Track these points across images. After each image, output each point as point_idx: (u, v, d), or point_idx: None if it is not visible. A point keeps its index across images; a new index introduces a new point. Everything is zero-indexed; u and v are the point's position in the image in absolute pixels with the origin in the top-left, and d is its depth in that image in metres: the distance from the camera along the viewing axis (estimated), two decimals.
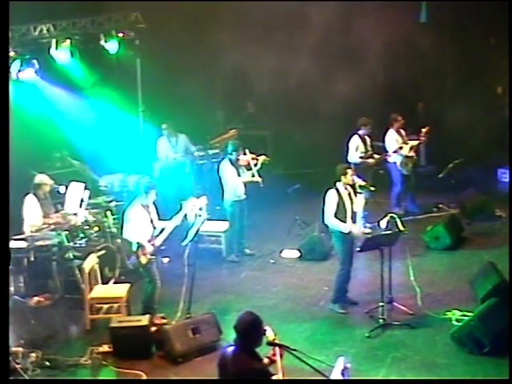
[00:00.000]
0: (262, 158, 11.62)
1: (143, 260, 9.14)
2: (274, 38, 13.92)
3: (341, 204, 9.39)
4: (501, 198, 13.23)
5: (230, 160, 11.39)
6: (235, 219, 11.51)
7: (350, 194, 9.51)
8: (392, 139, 12.90)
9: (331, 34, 13.41)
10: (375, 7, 14.03)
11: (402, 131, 13.07)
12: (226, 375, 5.89)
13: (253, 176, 11.48)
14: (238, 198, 11.43)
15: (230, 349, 5.90)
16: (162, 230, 9.26)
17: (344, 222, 9.36)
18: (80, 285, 9.81)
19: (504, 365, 7.87)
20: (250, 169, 11.54)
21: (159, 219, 9.49)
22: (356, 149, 12.45)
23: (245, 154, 11.50)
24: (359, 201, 9.61)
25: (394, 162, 12.97)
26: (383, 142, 13.03)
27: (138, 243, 9.14)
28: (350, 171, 9.49)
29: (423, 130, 13.02)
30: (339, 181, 9.45)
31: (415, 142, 13.04)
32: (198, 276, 9.37)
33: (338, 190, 9.41)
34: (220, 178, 11.57)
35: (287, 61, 14.01)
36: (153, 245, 9.19)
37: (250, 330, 5.88)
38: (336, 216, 9.37)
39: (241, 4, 13.58)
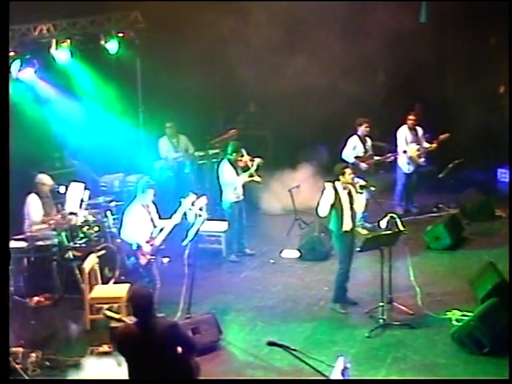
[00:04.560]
0: (257, 161, 11.63)
1: (142, 261, 9.15)
2: (274, 38, 13.90)
3: (338, 203, 9.41)
4: (501, 198, 13.24)
5: (229, 160, 11.39)
6: (234, 220, 11.52)
7: (350, 192, 9.51)
8: (401, 136, 12.90)
9: (331, 34, 13.40)
10: (375, 7, 14.01)
11: (419, 129, 13.02)
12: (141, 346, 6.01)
13: (251, 176, 11.51)
14: (236, 199, 11.44)
15: (138, 325, 6.06)
16: (162, 229, 9.27)
17: (341, 221, 9.40)
18: (80, 285, 9.82)
19: (504, 365, 7.87)
20: (246, 170, 11.56)
21: (159, 219, 9.50)
22: (353, 148, 12.43)
23: (242, 155, 11.53)
24: (361, 201, 9.62)
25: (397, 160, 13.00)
26: (395, 137, 13.01)
27: (136, 244, 9.15)
28: (347, 170, 9.48)
29: (441, 136, 12.96)
30: (337, 179, 9.47)
31: (426, 146, 13.00)
32: (198, 276, 9.37)
33: (335, 189, 9.44)
34: (218, 180, 11.57)
35: (287, 61, 14.00)
36: (152, 245, 9.20)
37: (150, 301, 6.15)
38: (333, 214, 9.41)
39: (241, 4, 13.58)
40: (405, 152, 12.85)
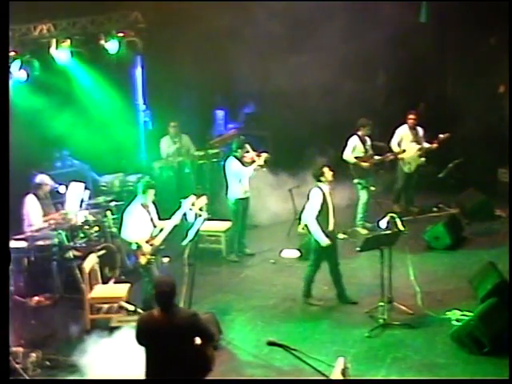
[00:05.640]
0: (264, 156, 11.66)
1: (142, 260, 9.16)
2: (274, 38, 13.92)
3: (324, 203, 9.55)
4: (501, 198, 13.22)
5: (236, 157, 11.40)
6: (238, 218, 11.51)
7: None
8: (398, 135, 12.89)
9: (331, 35, 13.40)
10: (375, 7, 14.02)
11: (420, 129, 13.01)
12: (160, 336, 6.21)
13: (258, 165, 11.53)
14: (243, 195, 11.43)
15: (159, 312, 6.25)
16: (162, 229, 9.28)
17: (327, 221, 9.52)
18: (80, 285, 9.81)
19: (504, 365, 7.87)
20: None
21: (159, 219, 9.51)
22: (353, 149, 12.40)
23: (248, 151, 11.54)
24: (363, 196, 9.67)
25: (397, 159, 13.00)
26: (391, 137, 13.01)
27: (136, 244, 9.16)
28: (326, 169, 9.62)
29: (442, 136, 12.95)
30: (318, 180, 9.57)
31: (427, 145, 13.00)
32: (198, 276, 9.37)
33: (322, 191, 9.56)
34: (225, 176, 11.56)
35: (288, 60, 14.00)
36: (151, 245, 9.21)
37: (174, 290, 6.36)
38: (319, 215, 9.51)
39: (242, 3, 13.58)
40: (404, 151, 12.83)
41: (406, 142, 12.90)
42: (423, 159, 13.06)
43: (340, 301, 9.84)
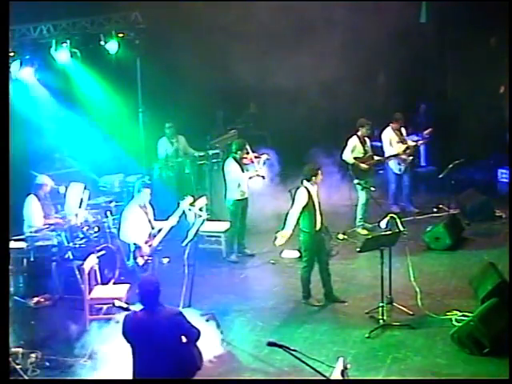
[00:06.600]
0: (263, 157, 11.66)
1: (140, 261, 9.16)
2: (274, 38, 13.92)
3: (311, 203, 9.56)
4: (501, 198, 13.23)
5: (235, 158, 11.40)
6: (236, 219, 11.51)
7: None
8: (386, 138, 12.88)
9: (331, 35, 13.41)
10: (375, 7, 14.02)
11: (403, 130, 13.01)
12: (147, 334, 6.23)
13: (257, 171, 11.51)
14: (241, 197, 11.43)
15: (144, 312, 6.31)
16: (159, 230, 9.28)
17: (314, 221, 9.59)
18: (80, 285, 9.80)
19: (504, 365, 7.88)
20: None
21: (156, 219, 9.51)
22: (353, 149, 12.39)
23: (247, 152, 11.54)
24: (363, 197, 9.62)
25: (387, 162, 13.01)
26: (380, 139, 13.02)
27: (134, 244, 9.16)
28: (319, 172, 9.72)
29: (425, 131, 12.97)
30: (309, 180, 9.58)
31: (412, 143, 13.01)
32: (198, 276, 9.36)
33: (308, 190, 9.57)
34: (224, 176, 11.55)
35: (287, 61, 14.00)
36: (150, 245, 9.21)
37: (158, 289, 6.40)
38: (306, 215, 9.57)
39: (241, 4, 13.58)
40: (405, 150, 12.81)
41: (394, 144, 12.89)
42: (411, 158, 13.08)
43: (327, 300, 9.85)
